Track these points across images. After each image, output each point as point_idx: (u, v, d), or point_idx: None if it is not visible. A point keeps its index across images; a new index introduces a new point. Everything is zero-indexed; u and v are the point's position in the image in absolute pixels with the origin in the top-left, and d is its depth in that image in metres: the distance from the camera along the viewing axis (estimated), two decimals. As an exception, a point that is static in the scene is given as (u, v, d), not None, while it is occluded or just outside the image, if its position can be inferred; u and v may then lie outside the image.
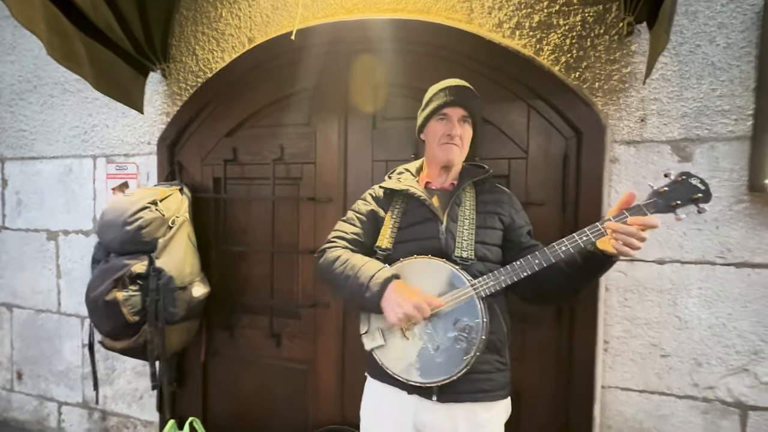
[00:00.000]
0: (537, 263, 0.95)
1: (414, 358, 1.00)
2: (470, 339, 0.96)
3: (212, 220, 1.78)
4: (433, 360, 0.99)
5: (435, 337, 0.99)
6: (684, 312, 1.36)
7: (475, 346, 0.96)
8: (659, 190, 0.91)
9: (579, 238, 0.93)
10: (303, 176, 1.68)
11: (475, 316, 0.97)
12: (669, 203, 0.89)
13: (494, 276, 0.98)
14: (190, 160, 1.83)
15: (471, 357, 0.96)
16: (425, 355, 0.99)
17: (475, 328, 0.96)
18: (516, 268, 0.97)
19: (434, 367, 0.99)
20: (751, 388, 1.31)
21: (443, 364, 0.98)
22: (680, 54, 1.33)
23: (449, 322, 0.99)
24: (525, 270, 0.96)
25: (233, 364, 1.81)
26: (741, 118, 1.29)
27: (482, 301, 0.98)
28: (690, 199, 0.88)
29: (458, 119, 1.10)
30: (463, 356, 0.96)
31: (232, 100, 1.76)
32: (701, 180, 0.89)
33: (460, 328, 0.97)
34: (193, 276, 1.59)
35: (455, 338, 0.97)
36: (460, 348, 0.97)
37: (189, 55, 1.88)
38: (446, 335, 0.98)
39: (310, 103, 1.66)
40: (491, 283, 0.98)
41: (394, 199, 1.15)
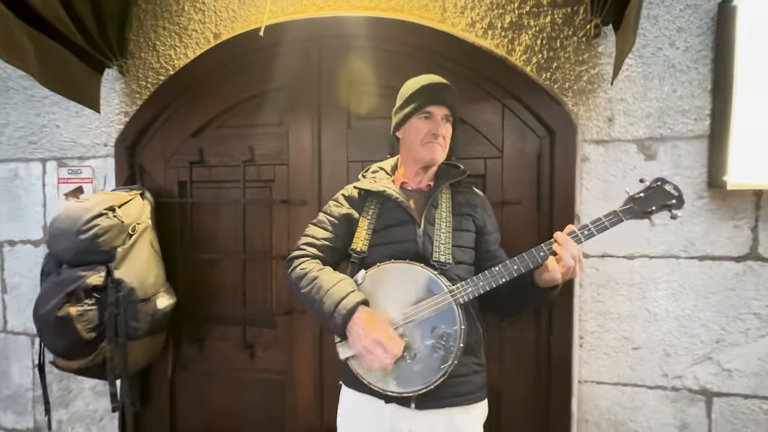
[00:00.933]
0: (516, 269, 0.95)
1: (391, 367, 0.97)
2: (448, 347, 0.94)
3: (178, 226, 1.68)
4: (411, 369, 0.96)
5: (412, 345, 0.96)
6: (653, 305, 1.41)
7: (453, 354, 0.94)
8: (635, 197, 0.93)
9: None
10: (275, 178, 1.61)
11: (453, 323, 0.95)
12: (644, 209, 0.91)
13: (473, 282, 0.97)
14: (153, 163, 1.71)
15: (449, 365, 0.94)
16: (402, 363, 0.96)
17: (452, 336, 0.94)
18: (495, 273, 0.96)
19: (411, 376, 0.96)
20: (715, 375, 1.38)
21: (420, 372, 0.96)
22: (643, 56, 1.38)
23: (426, 330, 0.96)
24: (503, 276, 0.95)
25: (204, 379, 1.71)
26: (700, 118, 1.35)
27: (460, 308, 0.96)
28: (664, 205, 0.91)
29: (442, 118, 1.07)
30: (440, 364, 0.94)
31: (197, 98, 1.67)
32: (675, 186, 0.93)
33: (438, 335, 0.95)
34: (158, 287, 1.48)
35: (433, 346, 0.95)
36: (437, 356, 0.95)
37: (149, 50, 1.77)
38: (423, 343, 0.96)
39: (281, 102, 1.60)
40: (470, 289, 0.96)
41: (368, 199, 1.11)
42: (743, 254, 1.34)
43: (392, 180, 1.15)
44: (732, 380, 1.36)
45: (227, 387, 1.68)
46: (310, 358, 1.59)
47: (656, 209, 0.91)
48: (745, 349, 1.35)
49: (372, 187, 1.09)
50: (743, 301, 1.35)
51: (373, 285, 1.02)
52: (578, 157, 1.41)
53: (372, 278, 1.02)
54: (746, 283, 1.34)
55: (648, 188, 0.93)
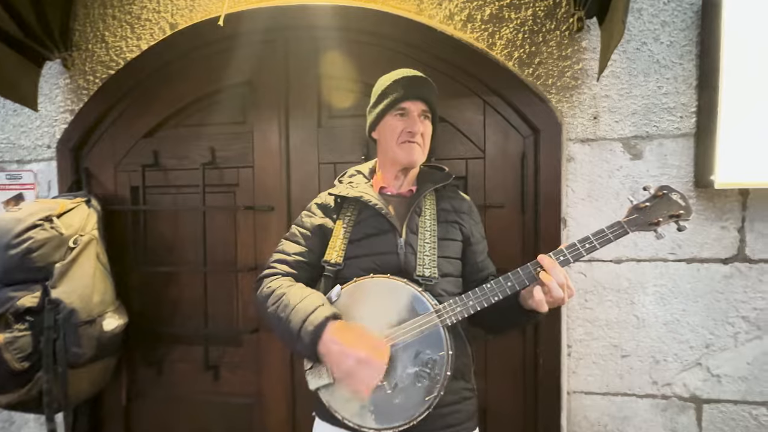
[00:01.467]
0: (510, 285, 0.85)
1: (367, 399, 0.85)
2: (433, 375, 0.83)
3: (130, 236, 1.52)
4: (391, 401, 0.84)
5: (392, 373, 0.84)
6: (641, 310, 1.35)
7: (439, 383, 0.83)
8: (640, 206, 0.85)
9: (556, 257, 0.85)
10: (239, 182, 1.47)
11: (440, 348, 0.84)
12: (650, 220, 0.84)
13: (462, 301, 0.86)
14: (101, 166, 1.54)
15: (434, 397, 0.83)
16: (381, 395, 0.84)
17: (439, 363, 0.83)
18: (486, 291, 0.86)
19: (391, 410, 0.84)
20: (704, 382, 1.33)
21: (402, 405, 0.84)
22: (628, 51, 1.32)
23: (410, 355, 0.85)
24: (496, 294, 0.85)
25: (163, 406, 1.55)
26: (685, 116, 1.31)
27: (447, 331, 0.85)
28: (671, 216, 0.84)
29: (419, 114, 0.97)
30: (425, 396, 0.83)
31: (151, 94, 1.51)
32: (682, 195, 0.85)
33: (422, 362, 0.84)
34: (105, 306, 1.32)
35: (416, 374, 0.84)
36: (421, 386, 0.84)
37: (97, 42, 1.60)
38: (406, 371, 0.84)
39: (244, 98, 1.47)
40: (458, 309, 0.85)
41: (345, 206, 1.00)
42: (731, 256, 1.30)
43: (370, 185, 1.04)
44: (721, 386, 1.32)
45: (189, 413, 1.53)
46: (281, 379, 1.45)
47: (663, 220, 0.84)
48: (734, 353, 1.31)
49: (348, 193, 0.98)
50: (731, 304, 1.31)
51: (349, 303, 0.90)
52: (563, 157, 1.34)
53: (348, 295, 0.90)
54: (734, 285, 1.30)
55: (653, 197, 0.86)
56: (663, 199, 0.84)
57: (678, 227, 0.85)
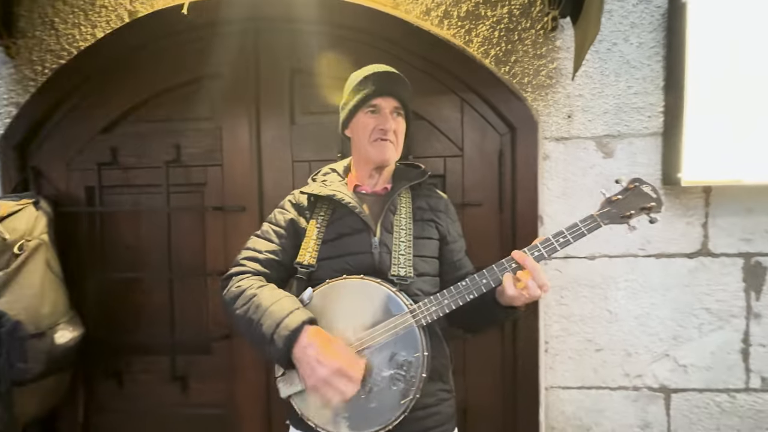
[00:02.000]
0: (485, 283, 0.83)
1: (341, 405, 0.82)
2: (409, 378, 0.81)
3: (85, 240, 1.40)
4: (365, 406, 0.81)
5: (367, 377, 0.81)
6: (614, 305, 1.38)
7: (415, 386, 0.81)
8: (612, 199, 0.85)
9: (530, 253, 0.84)
10: (207, 181, 1.39)
11: (415, 349, 0.82)
12: (622, 213, 0.84)
13: (437, 300, 0.84)
14: (51, 165, 1.41)
15: (410, 400, 0.81)
16: (355, 400, 0.81)
17: (414, 364, 0.81)
18: (461, 289, 0.84)
19: (366, 415, 0.82)
20: (672, 372, 1.38)
21: (377, 409, 0.81)
22: (600, 51, 1.35)
23: (384, 358, 0.82)
24: (471, 292, 0.83)
25: (126, 420, 1.44)
26: (653, 115, 1.35)
27: (423, 331, 0.83)
28: (642, 208, 0.84)
29: (391, 111, 0.94)
30: (400, 399, 0.81)
31: (108, 87, 1.40)
32: (653, 188, 0.85)
33: (398, 364, 0.81)
34: (57, 317, 1.21)
35: (391, 377, 0.81)
36: (396, 389, 0.81)
37: (45, 29, 1.46)
38: (381, 374, 0.82)
39: (212, 93, 1.39)
40: (433, 308, 0.83)
41: (318, 205, 0.96)
42: (695, 250, 1.35)
43: (345, 183, 1.00)
44: (687, 375, 1.38)
45: (155, 427, 1.43)
46: (256, 387, 1.39)
47: (635, 213, 0.84)
48: (698, 344, 1.37)
49: (321, 192, 0.94)
50: (696, 296, 1.36)
51: (322, 305, 0.86)
52: (540, 155, 1.34)
53: (321, 297, 0.87)
54: (698, 278, 1.36)
55: (625, 190, 0.86)
56: (635, 192, 0.85)
57: (649, 219, 0.85)
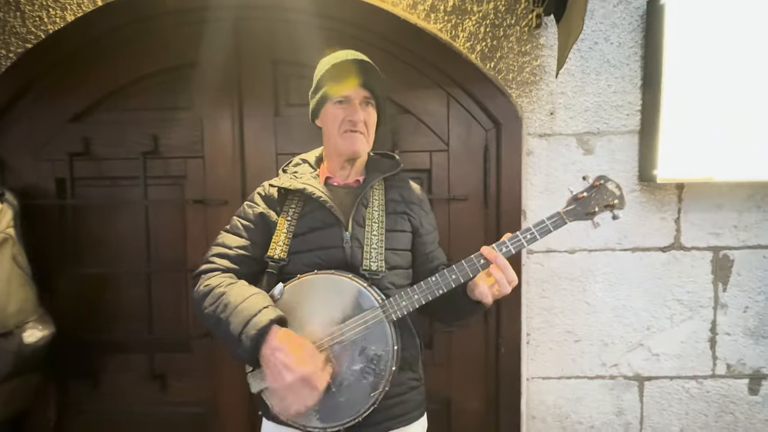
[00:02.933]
0: (454, 278, 0.84)
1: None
2: (378, 371, 0.82)
3: (56, 234, 1.33)
4: (336, 399, 0.82)
5: (338, 371, 0.82)
6: (591, 297, 1.43)
7: (385, 379, 0.82)
8: (578, 196, 0.87)
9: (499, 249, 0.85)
10: (187, 174, 1.35)
11: (385, 343, 0.83)
12: (587, 210, 0.86)
13: (407, 295, 0.84)
14: (17, 155, 1.34)
15: (380, 393, 0.82)
16: (326, 394, 0.82)
17: (384, 358, 0.82)
18: (431, 284, 0.85)
19: (337, 408, 0.83)
20: (646, 360, 1.44)
21: (347, 402, 0.82)
22: (582, 50, 1.38)
23: (355, 352, 0.83)
24: (441, 287, 0.84)
25: (102, 421, 1.39)
26: (631, 114, 1.39)
27: (393, 326, 0.84)
28: (606, 206, 0.87)
29: (360, 102, 0.92)
30: (370, 392, 0.82)
31: (79, 73, 1.33)
32: (617, 185, 0.88)
33: (368, 358, 0.82)
34: (25, 315, 1.15)
35: (361, 371, 0.82)
36: (366, 383, 0.82)
37: (10, 11, 1.37)
38: (351, 368, 0.83)
39: (192, 81, 1.34)
40: (403, 303, 0.84)
41: (289, 198, 0.94)
42: (668, 244, 1.41)
43: (316, 174, 0.98)
44: (660, 363, 1.44)
45: (133, 427, 1.39)
46: (237, 384, 1.36)
47: (598, 210, 0.87)
48: (670, 333, 1.43)
49: (290, 185, 0.92)
50: (668, 288, 1.42)
51: (293, 300, 0.85)
52: (524, 151, 1.37)
53: (292, 292, 0.86)
54: (671, 271, 1.42)
55: (591, 187, 0.88)
56: (600, 189, 0.87)
57: (612, 216, 0.88)
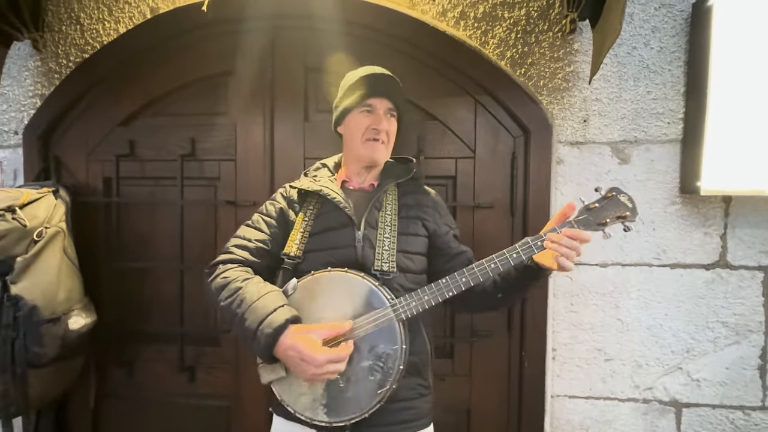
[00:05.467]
0: (464, 281, 0.85)
1: (320, 392, 0.85)
2: (386, 369, 0.84)
3: (102, 229, 1.43)
4: (343, 395, 0.84)
5: (347, 367, 0.84)
6: (625, 314, 1.35)
7: (392, 377, 0.84)
8: (590, 206, 0.88)
9: (509, 255, 0.85)
10: (221, 176, 1.41)
11: (394, 342, 0.84)
12: (598, 221, 0.86)
13: (417, 296, 0.86)
14: (72, 155, 1.46)
15: (386, 390, 0.84)
16: (333, 388, 0.84)
17: (392, 356, 0.84)
18: (441, 287, 0.86)
19: (344, 403, 0.84)
20: (685, 386, 1.34)
21: (354, 398, 0.84)
22: (619, 55, 1.32)
23: (364, 349, 0.85)
24: (451, 289, 0.85)
25: (135, 407, 1.47)
26: (673, 122, 1.31)
27: (402, 325, 0.86)
28: (617, 217, 0.87)
29: (385, 112, 0.97)
30: (377, 389, 0.83)
31: (128, 81, 1.43)
32: (629, 197, 0.88)
33: (376, 355, 0.84)
34: (71, 303, 1.24)
35: (369, 368, 0.84)
36: (374, 380, 0.84)
37: (71, 24, 1.51)
38: (359, 364, 0.84)
39: (228, 89, 1.41)
40: (413, 303, 0.85)
41: (307, 199, 0.99)
42: (713, 262, 1.32)
43: (334, 178, 1.03)
44: (701, 390, 1.34)
45: (163, 415, 1.46)
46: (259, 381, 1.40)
47: (610, 221, 0.86)
48: (713, 358, 1.33)
49: (309, 187, 0.97)
50: (712, 309, 1.32)
51: (305, 297, 0.88)
52: (553, 159, 1.33)
53: (305, 288, 0.89)
54: (715, 291, 1.32)
55: (603, 198, 0.88)
56: (612, 201, 0.87)
57: (624, 228, 0.87)
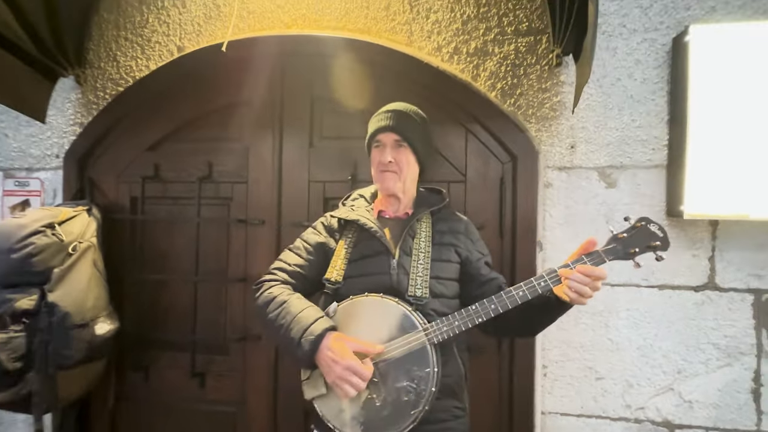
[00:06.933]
0: (493, 308, 0.90)
1: (358, 410, 0.90)
2: (419, 391, 0.88)
3: (127, 244, 1.58)
4: (379, 413, 0.89)
5: (382, 387, 0.89)
6: (615, 334, 1.39)
7: (425, 398, 0.88)
8: (618, 236, 0.90)
9: (537, 283, 0.89)
10: (233, 196, 1.55)
11: (426, 365, 0.89)
12: (627, 250, 0.87)
13: (448, 321, 0.91)
14: (104, 177, 1.63)
15: (419, 411, 0.87)
16: (370, 407, 0.90)
17: (425, 379, 0.88)
18: (471, 313, 0.91)
19: (379, 421, 0.89)
20: (677, 407, 1.35)
21: (389, 417, 0.89)
22: (603, 86, 1.40)
23: (399, 371, 0.90)
24: (480, 316, 0.90)
25: (148, 410, 1.58)
26: (658, 148, 1.37)
27: (434, 348, 0.90)
28: (648, 246, 0.88)
29: (392, 145, 1.04)
30: (411, 410, 0.88)
31: (155, 111, 1.60)
32: (660, 227, 0.89)
33: (409, 377, 0.89)
34: (98, 310, 1.38)
35: (403, 389, 0.89)
36: (407, 400, 0.88)
37: (109, 61, 1.71)
38: (394, 385, 0.89)
39: (242, 117, 1.55)
40: (445, 328, 0.90)
41: (347, 228, 1.07)
42: (702, 284, 1.35)
43: (371, 208, 1.10)
44: (693, 412, 1.34)
45: (174, 419, 1.56)
46: (264, 388, 1.49)
47: (640, 250, 0.87)
48: (705, 379, 1.34)
49: (348, 216, 1.06)
50: (702, 331, 1.34)
51: (344, 319, 0.95)
52: (541, 183, 1.40)
53: (344, 312, 0.96)
54: (705, 312, 1.34)
55: (632, 228, 0.90)
56: (641, 230, 0.88)
57: (656, 257, 0.88)
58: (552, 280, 0.89)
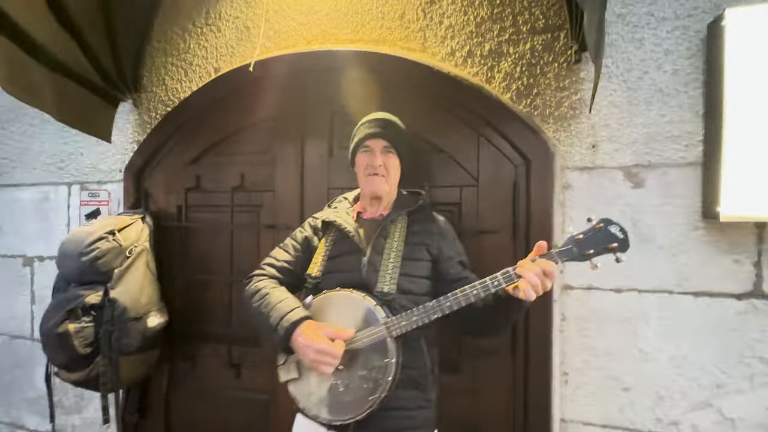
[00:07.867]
0: (448, 305, 0.95)
1: (324, 394, 1.01)
2: (377, 379, 0.96)
3: (175, 248, 1.79)
4: (342, 398, 0.99)
5: (346, 374, 0.99)
6: (644, 342, 1.31)
7: (382, 386, 0.96)
8: (575, 237, 0.91)
9: (491, 282, 0.93)
10: (263, 204, 1.68)
11: (385, 356, 0.97)
12: (583, 251, 0.88)
13: (407, 316, 0.97)
14: (156, 188, 1.85)
15: (377, 398, 0.96)
16: (335, 392, 1.00)
17: (382, 369, 0.96)
18: (428, 309, 0.97)
19: (342, 405, 0.99)
20: (717, 424, 1.25)
21: (351, 403, 0.98)
22: (628, 81, 1.32)
23: (361, 361, 0.99)
24: (436, 312, 0.96)
25: (195, 396, 1.78)
26: (691, 144, 1.27)
27: (395, 341, 0.98)
28: (605, 248, 0.88)
29: (380, 150, 1.12)
30: (369, 396, 0.96)
31: (197, 128, 1.79)
32: (621, 228, 0.89)
33: (370, 367, 0.97)
34: (150, 306, 1.58)
35: (364, 377, 0.97)
36: (366, 388, 0.97)
37: (159, 85, 1.93)
38: (356, 373, 0.99)
39: (270, 131, 1.68)
40: (404, 323, 0.97)
41: (329, 228, 1.17)
42: (746, 291, 1.23)
43: (352, 209, 1.19)
44: (736, 430, 1.23)
45: (216, 404, 1.74)
46: (292, 380, 1.61)
47: (595, 252, 0.87)
48: (750, 397, 1.22)
49: (327, 217, 1.16)
50: (747, 343, 1.23)
51: (319, 311, 1.06)
52: (559, 185, 1.36)
53: (318, 304, 1.06)
54: (749, 323, 1.22)
55: (591, 229, 0.90)
56: (600, 232, 0.88)
57: (615, 258, 0.88)
58: (505, 279, 0.91)
